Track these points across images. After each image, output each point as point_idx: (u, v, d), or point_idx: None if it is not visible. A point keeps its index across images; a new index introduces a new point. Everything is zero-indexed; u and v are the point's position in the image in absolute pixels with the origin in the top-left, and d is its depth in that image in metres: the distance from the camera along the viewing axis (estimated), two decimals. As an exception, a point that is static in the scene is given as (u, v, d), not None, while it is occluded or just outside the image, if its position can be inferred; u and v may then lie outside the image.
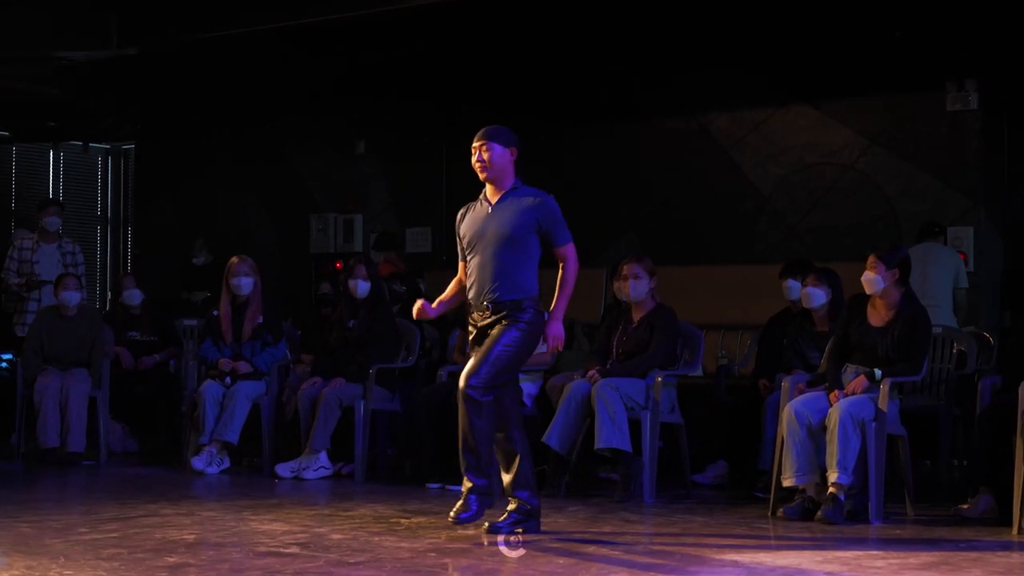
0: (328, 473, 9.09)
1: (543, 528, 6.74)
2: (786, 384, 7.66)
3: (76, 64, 12.69)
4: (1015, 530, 6.82)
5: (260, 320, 9.71)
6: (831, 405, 7.31)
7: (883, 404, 7.25)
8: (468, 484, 6.58)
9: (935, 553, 6.23)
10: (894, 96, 11.13)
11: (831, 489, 7.15)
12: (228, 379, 9.56)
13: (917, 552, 6.26)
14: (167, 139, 15.05)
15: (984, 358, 8.64)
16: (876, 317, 7.54)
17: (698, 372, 8.81)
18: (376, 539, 6.46)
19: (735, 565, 5.90)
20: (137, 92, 14.01)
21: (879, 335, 7.46)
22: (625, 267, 8.56)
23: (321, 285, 12.58)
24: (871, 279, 7.51)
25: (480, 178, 6.68)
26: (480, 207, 6.70)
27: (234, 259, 9.80)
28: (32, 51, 12.21)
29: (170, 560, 5.78)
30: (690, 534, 6.82)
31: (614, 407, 8.02)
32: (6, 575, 5.39)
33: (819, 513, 7.13)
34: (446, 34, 11.63)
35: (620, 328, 8.58)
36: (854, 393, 7.31)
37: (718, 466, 8.99)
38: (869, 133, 11.24)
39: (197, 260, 13.58)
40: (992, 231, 10.81)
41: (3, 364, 10.79)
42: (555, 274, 6.74)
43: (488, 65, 12.23)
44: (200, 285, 13.19)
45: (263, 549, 6.13)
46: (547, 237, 6.63)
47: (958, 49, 10.59)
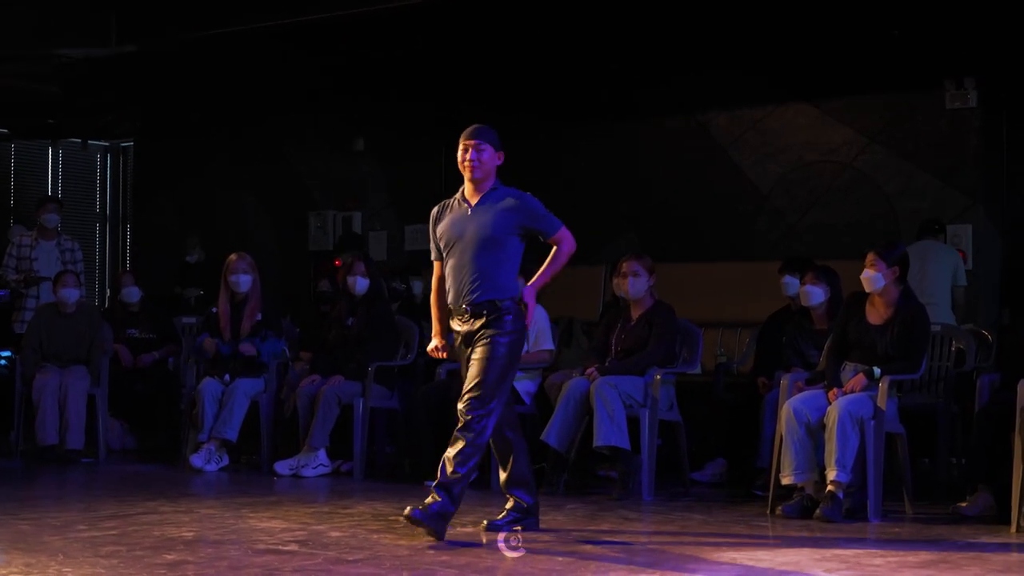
0: (327, 471, 9.09)
1: (541, 526, 6.74)
2: (785, 382, 7.66)
3: (75, 62, 12.68)
4: (1014, 528, 6.82)
5: (259, 317, 9.71)
6: (830, 403, 7.31)
7: (882, 402, 7.25)
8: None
9: (934, 551, 6.23)
10: (893, 94, 11.13)
11: (830, 487, 7.15)
12: (227, 376, 9.56)
13: (916, 550, 6.26)
14: (166, 137, 15.05)
15: (983, 356, 8.64)
16: (875, 315, 7.54)
17: (697, 370, 8.81)
18: (375, 537, 6.46)
19: (733, 563, 5.89)
20: (136, 90, 14.01)
21: (878, 333, 7.46)
22: (624, 264, 8.56)
23: (320, 282, 12.58)
24: (871, 277, 7.50)
25: (466, 176, 6.53)
26: (459, 207, 6.56)
27: (233, 256, 9.81)
28: (32, 49, 12.21)
29: (169, 557, 5.78)
30: (688, 532, 6.82)
31: (613, 405, 8.02)
32: (5, 572, 5.39)
33: (818, 511, 7.14)
34: (445, 32, 11.62)
35: (619, 326, 8.58)
36: (853, 391, 7.32)
37: (717, 464, 8.99)
38: (868, 131, 11.24)
39: (191, 258, 13.59)
40: (991, 229, 10.81)
41: (2, 361, 10.80)
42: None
43: (486, 64, 12.23)
44: (194, 283, 13.20)
45: (262, 547, 6.13)
46: (536, 234, 6.55)
47: (957, 47, 10.59)
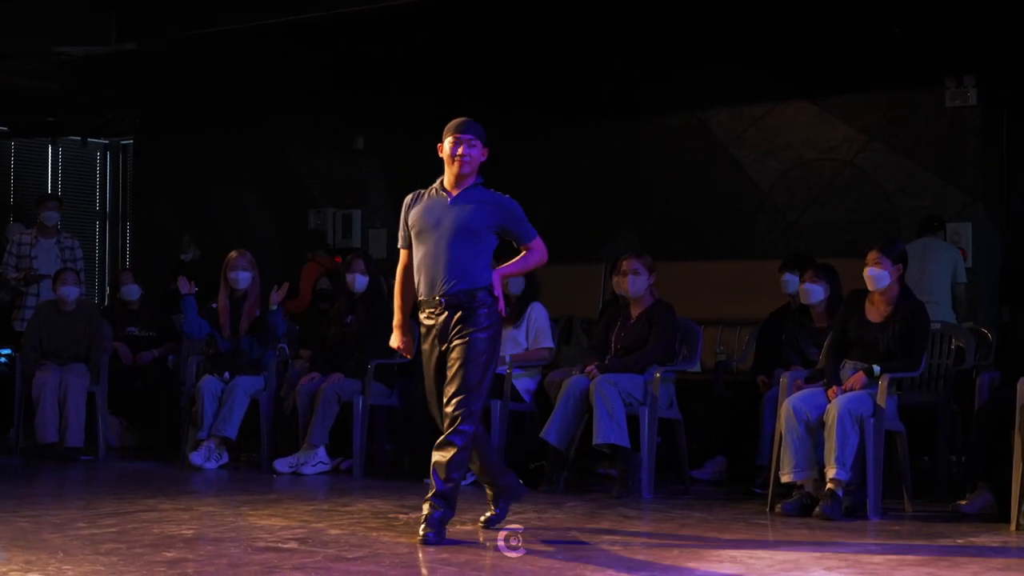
0: (326, 468, 9.10)
1: (540, 524, 6.74)
2: (784, 380, 7.66)
3: (75, 59, 12.68)
4: (1013, 526, 6.82)
5: (258, 314, 9.71)
6: (829, 401, 7.31)
7: (881, 400, 7.25)
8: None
9: (933, 549, 6.24)
10: (893, 92, 11.12)
11: (829, 485, 7.15)
12: (226, 374, 9.57)
13: (915, 548, 6.26)
14: (166, 135, 15.04)
15: (982, 354, 8.64)
16: (874, 313, 7.54)
17: (696, 368, 8.81)
18: (374, 534, 6.46)
19: (733, 561, 5.90)
20: (136, 88, 13.99)
21: (879, 330, 7.46)
22: (624, 263, 8.56)
23: (319, 280, 12.56)
24: (877, 275, 7.49)
25: (453, 170, 6.36)
26: (437, 196, 6.40)
27: (233, 253, 9.82)
28: (32, 46, 12.20)
29: (168, 555, 5.79)
30: (688, 530, 6.81)
31: (612, 403, 8.02)
32: (5, 570, 5.39)
33: (817, 509, 7.14)
34: (445, 31, 11.61)
35: (619, 324, 8.58)
36: (852, 389, 7.32)
37: (716, 462, 9.00)
38: (868, 129, 11.23)
39: (185, 256, 13.58)
40: (991, 227, 10.80)
41: (2, 359, 10.79)
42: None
43: (487, 62, 12.22)
44: (188, 280, 13.17)
45: (261, 544, 6.13)
46: (512, 237, 6.48)
47: (957, 45, 10.59)
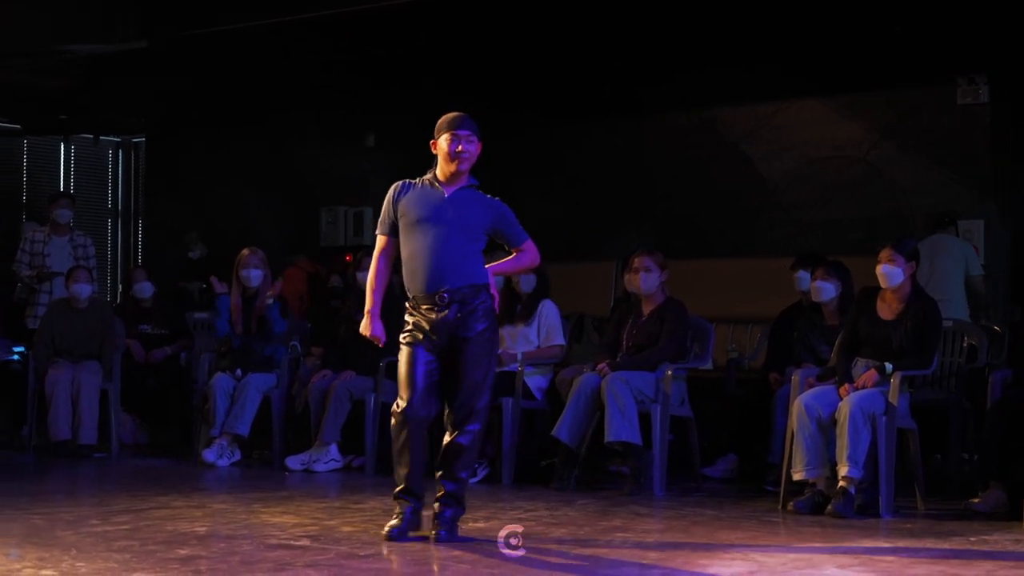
0: (338, 466, 9.11)
1: (552, 521, 6.77)
2: (796, 378, 7.66)
3: (86, 58, 12.70)
4: (1025, 524, 6.82)
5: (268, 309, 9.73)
6: (841, 399, 7.30)
7: (893, 398, 7.24)
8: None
9: (946, 547, 6.23)
10: (904, 90, 11.11)
11: (841, 483, 7.14)
12: (239, 371, 9.59)
13: (927, 546, 6.25)
14: (177, 132, 15.07)
15: (995, 352, 8.62)
16: (886, 310, 7.53)
17: (708, 365, 8.81)
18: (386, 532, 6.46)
19: (745, 559, 5.90)
20: (146, 86, 14.02)
21: (891, 328, 7.45)
22: (636, 260, 8.56)
23: (331, 278, 12.58)
24: (890, 272, 7.47)
25: (451, 166, 6.26)
26: (432, 189, 6.30)
27: (245, 251, 9.83)
28: (42, 44, 12.23)
29: (181, 552, 5.80)
30: (700, 527, 6.81)
31: (624, 400, 8.03)
32: (19, 566, 5.41)
33: (829, 507, 7.13)
34: (452, 29, 11.62)
35: (630, 321, 8.58)
36: (864, 387, 7.31)
37: (728, 459, 9.00)
38: (879, 126, 11.22)
39: (192, 254, 13.61)
40: (1002, 225, 10.79)
41: (15, 356, 10.82)
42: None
43: (495, 60, 12.22)
44: (196, 278, 13.24)
45: (274, 541, 6.14)
46: (503, 239, 6.42)
47: (968, 42, 10.57)
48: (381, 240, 6.39)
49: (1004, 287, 10.80)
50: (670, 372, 8.21)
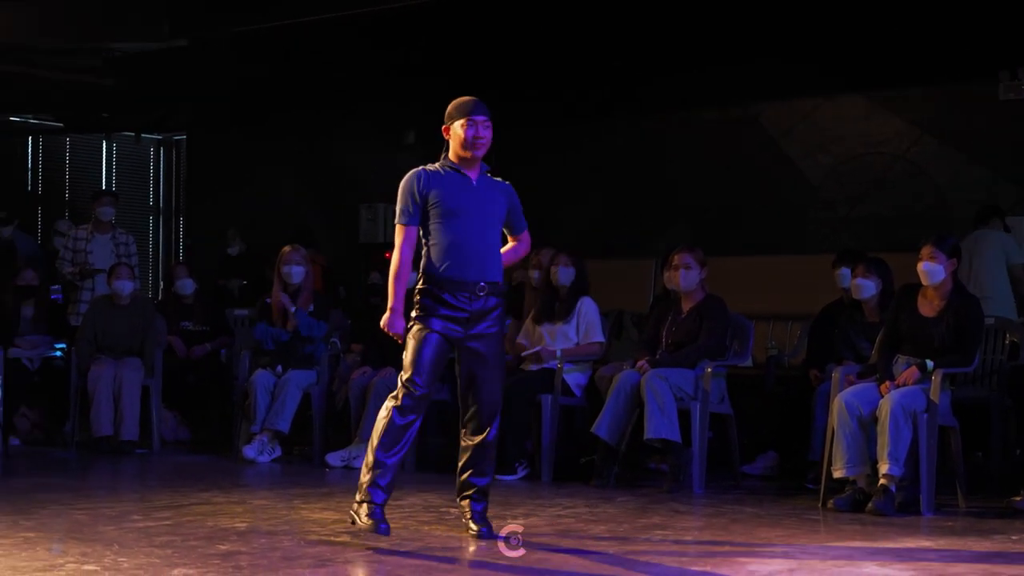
0: (378, 462, 9.10)
1: (592, 518, 6.75)
2: (836, 375, 7.63)
3: (128, 56, 12.79)
4: (1068, 522, 6.78)
5: (311, 308, 9.75)
6: (882, 396, 7.27)
7: (935, 395, 7.21)
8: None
9: (987, 545, 6.20)
10: (946, 85, 11.04)
11: (882, 481, 7.12)
12: (279, 368, 9.62)
13: (969, 544, 6.22)
14: (218, 130, 15.15)
15: (1036, 349, 8.57)
16: (927, 307, 7.48)
17: (748, 362, 8.78)
18: (426, 528, 6.49)
19: (785, 556, 5.88)
20: (188, 83, 14.10)
21: (932, 325, 7.41)
22: (676, 257, 8.54)
23: (371, 275, 12.60)
24: (931, 269, 7.42)
25: (468, 152, 6.10)
26: (458, 177, 6.14)
27: (286, 248, 9.86)
28: (85, 42, 12.32)
29: (222, 548, 5.83)
30: (740, 525, 6.79)
31: (663, 397, 8.02)
32: (62, 562, 5.45)
33: (870, 505, 7.10)
34: (491, 26, 11.64)
35: (669, 318, 8.57)
36: (905, 384, 7.28)
37: (768, 457, 8.97)
38: (920, 122, 11.16)
39: (231, 250, 13.66)
40: (1045, 221, 10.71)
41: (57, 353, 10.89)
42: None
43: (542, 58, 12.24)
44: (235, 274, 13.29)
45: (314, 537, 6.16)
46: (510, 225, 6.34)
47: (1010, 37, 10.50)
48: (406, 231, 6.15)
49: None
50: (710, 369, 8.20)
